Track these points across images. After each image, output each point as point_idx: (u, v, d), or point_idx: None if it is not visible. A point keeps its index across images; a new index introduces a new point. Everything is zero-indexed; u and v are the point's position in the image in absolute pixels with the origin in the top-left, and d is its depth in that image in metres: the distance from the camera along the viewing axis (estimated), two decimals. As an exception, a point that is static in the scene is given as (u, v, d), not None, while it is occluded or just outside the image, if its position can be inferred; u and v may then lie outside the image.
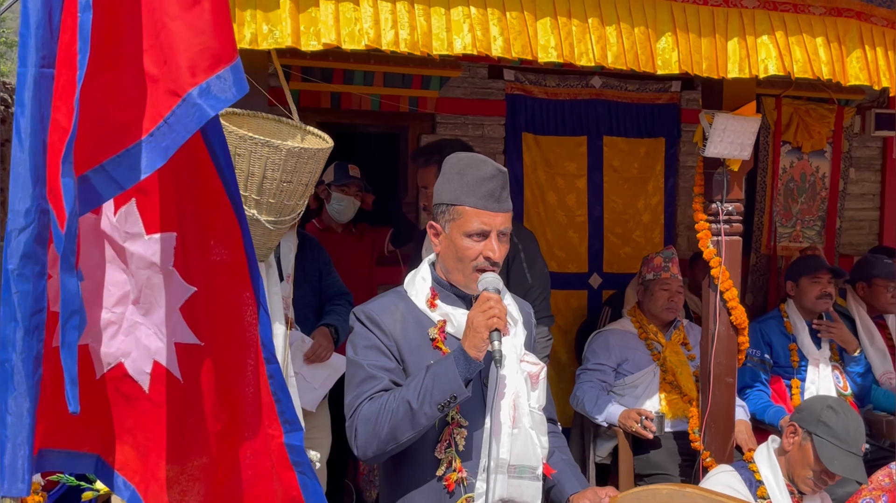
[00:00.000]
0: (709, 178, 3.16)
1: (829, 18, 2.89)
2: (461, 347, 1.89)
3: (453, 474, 1.94)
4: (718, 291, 3.14)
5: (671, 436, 3.70)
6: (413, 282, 2.09)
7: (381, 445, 1.89)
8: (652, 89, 4.93)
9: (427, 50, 2.30)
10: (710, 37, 2.72)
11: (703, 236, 3.16)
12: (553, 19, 2.47)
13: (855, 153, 5.58)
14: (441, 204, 2.02)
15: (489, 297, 1.90)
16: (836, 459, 2.61)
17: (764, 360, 4.05)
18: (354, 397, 1.95)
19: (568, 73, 4.75)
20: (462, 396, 1.87)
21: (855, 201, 5.68)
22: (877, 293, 4.42)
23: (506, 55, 2.41)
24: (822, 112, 5.31)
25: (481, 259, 1.97)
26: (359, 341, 2.00)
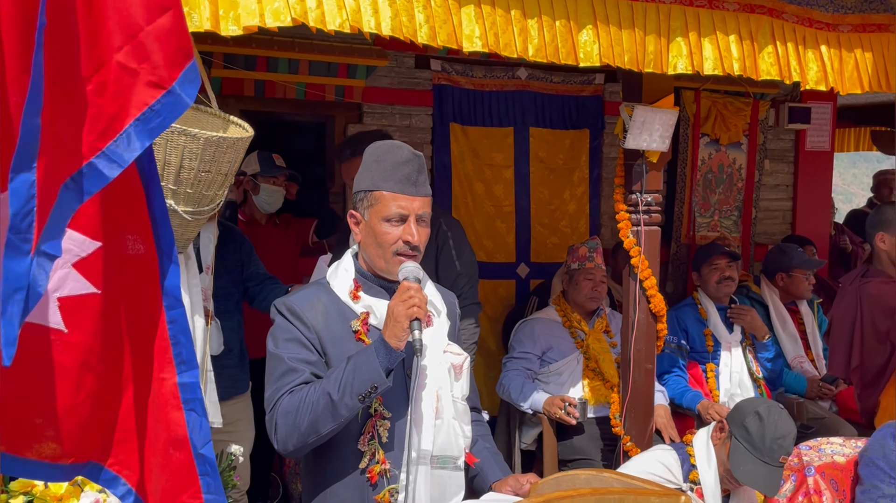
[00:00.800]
0: (629, 170, 3.22)
1: (743, 15, 2.96)
2: (382, 338, 1.88)
3: (376, 466, 1.94)
4: (638, 280, 3.20)
5: (594, 421, 3.77)
6: (336, 274, 2.06)
7: (302, 438, 1.88)
8: (576, 81, 4.99)
9: (357, 26, 2.27)
10: (629, 30, 2.75)
11: (624, 226, 3.21)
12: (477, 8, 2.47)
13: (769, 145, 5.77)
14: (360, 191, 2.02)
15: (409, 287, 1.89)
16: (742, 465, 2.63)
17: (681, 346, 4.16)
18: (274, 390, 1.92)
19: (494, 65, 4.77)
20: (383, 387, 1.86)
21: (769, 192, 5.87)
22: (796, 282, 4.58)
23: (431, 42, 2.40)
24: (738, 105, 5.47)
25: (400, 243, 1.96)
26: (280, 334, 1.97)
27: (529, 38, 2.58)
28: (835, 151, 6.24)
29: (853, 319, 3.31)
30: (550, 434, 3.75)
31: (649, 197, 3.19)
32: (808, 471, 2.92)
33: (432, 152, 4.73)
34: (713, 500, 2.74)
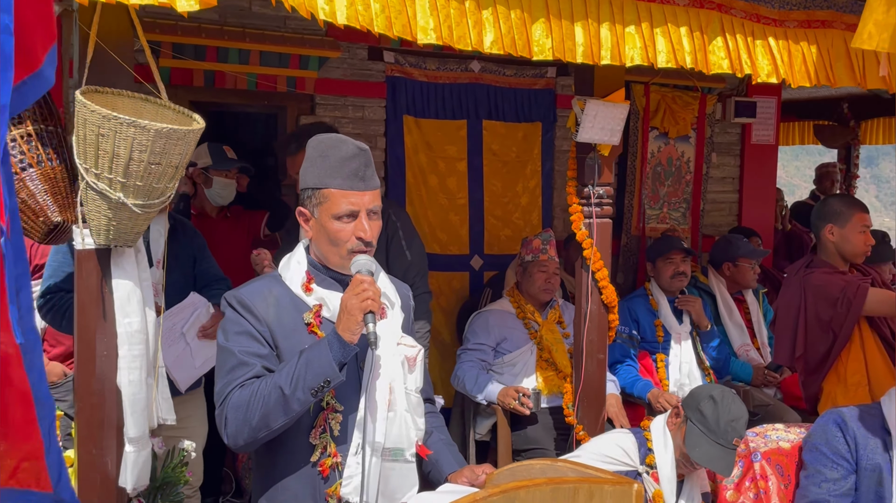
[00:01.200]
0: (581, 163, 3.24)
1: (693, 9, 3.00)
2: (335, 331, 1.86)
3: (328, 459, 1.92)
4: (590, 271, 3.23)
5: (547, 411, 3.81)
6: (288, 266, 2.04)
7: (253, 433, 1.85)
8: (529, 75, 5.02)
9: (312, 11, 2.24)
10: (583, 24, 2.76)
11: (576, 219, 3.23)
12: (431, 0, 2.46)
13: (716, 139, 5.87)
14: (307, 189, 1.98)
15: (362, 280, 1.88)
16: (698, 447, 2.68)
17: (632, 337, 4.22)
18: (225, 384, 1.90)
19: (448, 57, 4.77)
20: (336, 381, 1.85)
21: (716, 184, 5.98)
22: (742, 271, 4.69)
23: (387, 32, 2.38)
24: (686, 99, 5.56)
25: (354, 240, 1.94)
26: (230, 327, 1.94)
27: (484, 31, 2.57)
28: (779, 145, 6.39)
29: (797, 309, 3.38)
30: (504, 424, 3.78)
31: (601, 189, 3.21)
32: (754, 457, 2.99)
33: (386, 144, 4.71)
34: (668, 484, 2.79)
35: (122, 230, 2.23)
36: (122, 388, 2.29)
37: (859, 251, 3.38)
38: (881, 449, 2.76)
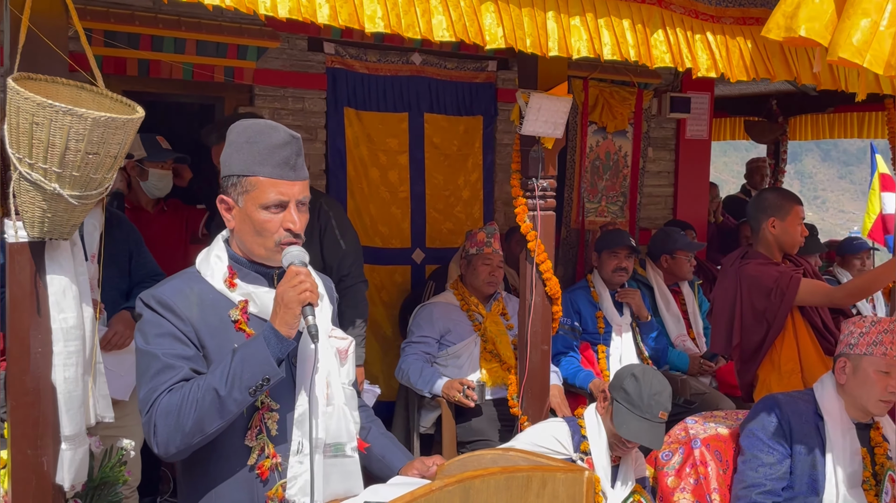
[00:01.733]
0: (525, 156, 3.25)
1: (634, 4, 3.03)
2: (271, 326, 1.78)
3: (266, 461, 1.84)
4: (534, 263, 3.25)
5: (491, 403, 3.84)
6: (207, 262, 1.94)
7: (186, 439, 1.76)
8: (470, 68, 5.03)
9: (253, 7, 2.19)
10: (530, 14, 2.77)
11: (521, 211, 3.25)
12: (378, -16, 2.44)
13: (652, 133, 5.98)
14: (231, 176, 1.88)
15: (298, 271, 1.81)
16: (625, 424, 2.74)
17: (574, 328, 4.28)
18: (150, 391, 1.78)
19: (388, 49, 4.74)
20: (276, 378, 1.78)
21: (652, 178, 6.10)
22: (680, 264, 4.81)
23: (332, 23, 2.34)
24: (624, 95, 5.65)
25: (282, 232, 1.86)
26: (150, 329, 1.83)
27: (433, 19, 2.55)
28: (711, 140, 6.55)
29: (733, 299, 3.47)
30: (449, 417, 3.79)
31: (545, 182, 3.24)
32: (694, 444, 3.06)
33: (326, 137, 4.66)
34: (603, 469, 2.84)
35: (57, 222, 2.15)
36: (57, 386, 2.21)
37: (797, 242, 3.49)
38: (814, 433, 2.86)
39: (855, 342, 2.87)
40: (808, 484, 2.83)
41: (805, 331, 3.43)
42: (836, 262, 5.84)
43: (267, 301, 1.88)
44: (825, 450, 2.83)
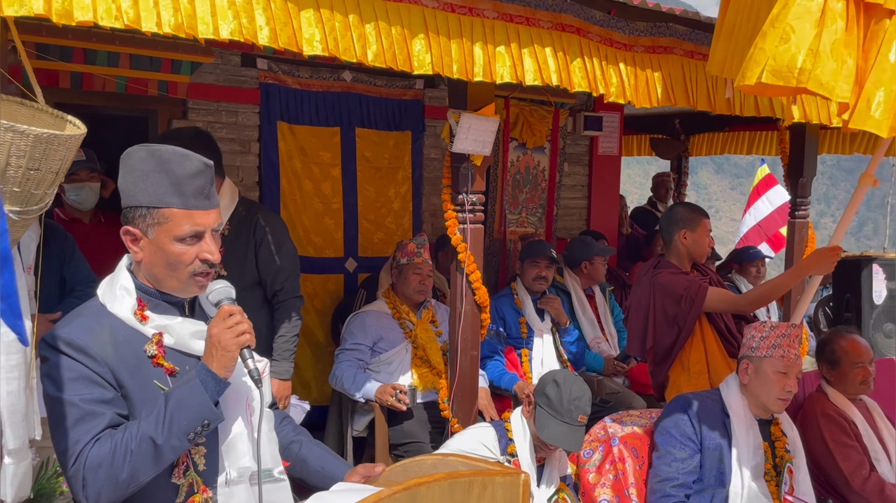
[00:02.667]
0: (455, 172, 3.27)
1: (555, 32, 3.11)
2: (207, 368, 1.66)
3: (196, 496, 1.73)
4: (465, 274, 3.28)
5: (422, 406, 3.83)
6: (112, 293, 1.75)
7: (120, 491, 1.61)
8: (398, 86, 5.04)
9: (193, 33, 2.15)
10: (458, 42, 2.80)
11: (451, 224, 3.27)
12: (316, 12, 2.42)
13: (568, 150, 6.11)
14: (139, 207, 1.71)
15: (232, 311, 1.70)
16: (547, 428, 2.76)
17: (499, 334, 4.32)
18: (73, 442, 1.60)
19: (320, 66, 4.71)
20: (216, 421, 1.68)
21: (568, 191, 6.22)
22: (598, 268, 4.92)
23: (272, 45, 2.32)
24: (542, 113, 5.75)
25: (198, 263, 1.73)
26: (62, 373, 1.63)
27: (368, 44, 2.56)
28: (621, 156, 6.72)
29: (647, 306, 3.57)
30: (382, 421, 3.77)
31: (474, 197, 3.26)
32: (612, 442, 3.13)
33: (260, 150, 4.59)
34: (528, 469, 2.85)
35: (-3, 237, 2.06)
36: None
37: (705, 252, 3.62)
38: (721, 430, 2.96)
39: (756, 345, 2.99)
40: (716, 476, 2.93)
41: (711, 336, 3.55)
42: (734, 270, 6.06)
43: (181, 332, 1.76)
44: (731, 445, 2.93)
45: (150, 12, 2.11)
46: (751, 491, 2.89)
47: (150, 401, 1.69)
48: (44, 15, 1.98)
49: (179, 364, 1.76)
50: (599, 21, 3.27)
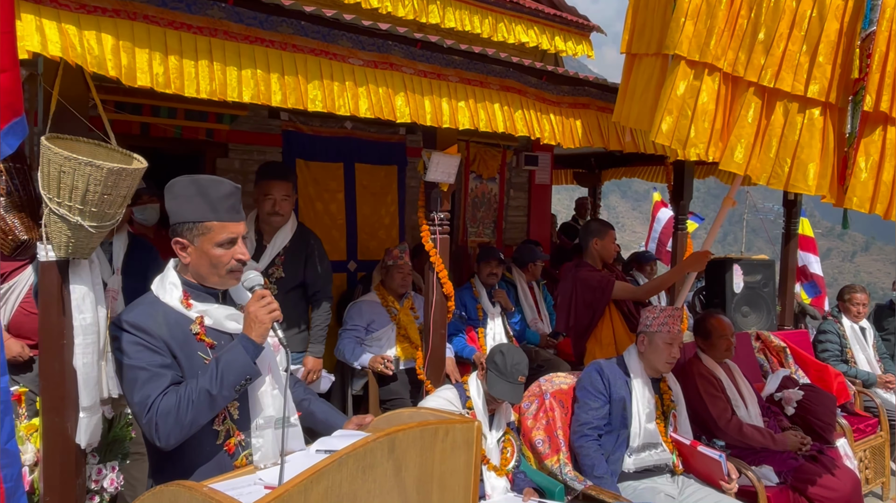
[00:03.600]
0: (428, 196, 3.25)
1: (502, 92, 3.12)
2: (246, 337, 1.67)
3: (232, 439, 1.72)
4: (435, 272, 3.27)
5: (404, 371, 3.81)
6: (163, 287, 1.76)
7: (184, 432, 1.62)
8: (387, 132, 5.01)
9: (223, 97, 2.13)
10: (430, 98, 2.80)
11: (425, 235, 3.25)
12: (319, 81, 2.41)
13: (513, 180, 6.13)
14: (186, 222, 1.73)
15: (264, 294, 1.70)
16: (495, 386, 2.73)
17: (462, 317, 4.30)
18: (144, 396, 1.61)
19: (328, 117, 4.67)
20: (256, 376, 1.68)
21: (513, 211, 6.24)
22: (538, 268, 4.92)
23: (283, 105, 2.30)
24: (493, 153, 5.77)
25: (233, 262, 1.74)
26: (130, 347, 1.64)
27: (360, 101, 2.55)
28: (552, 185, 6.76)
29: (570, 295, 3.59)
30: (374, 382, 3.75)
31: (442, 215, 3.25)
32: (545, 397, 3.14)
33: (283, 180, 4.53)
34: (482, 417, 2.84)
35: (79, 246, 2.01)
36: (77, 369, 2.06)
37: (612, 255, 3.65)
38: (624, 386, 2.99)
39: (650, 323, 3.02)
40: (620, 420, 2.95)
41: (618, 317, 3.59)
42: (633, 268, 6.11)
43: (217, 314, 1.75)
44: (631, 398, 2.96)
45: (191, 81, 2.09)
46: (646, 430, 2.92)
47: (197, 368, 1.68)
48: (115, 76, 1.94)
49: (217, 339, 1.75)
50: (535, 84, 3.29)
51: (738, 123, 2.42)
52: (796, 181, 2.27)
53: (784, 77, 2.38)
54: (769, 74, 2.37)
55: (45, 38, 1.84)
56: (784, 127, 2.35)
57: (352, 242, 4.84)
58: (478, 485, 1.79)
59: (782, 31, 2.36)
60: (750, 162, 2.41)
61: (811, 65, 2.37)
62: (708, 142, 2.43)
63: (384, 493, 1.50)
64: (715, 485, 2.90)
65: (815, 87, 2.38)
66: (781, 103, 2.37)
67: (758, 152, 2.40)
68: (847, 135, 2.44)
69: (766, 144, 2.38)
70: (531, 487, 2.75)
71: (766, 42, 2.38)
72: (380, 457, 1.48)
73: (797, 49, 2.38)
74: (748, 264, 5.23)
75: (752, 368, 4.17)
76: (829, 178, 2.30)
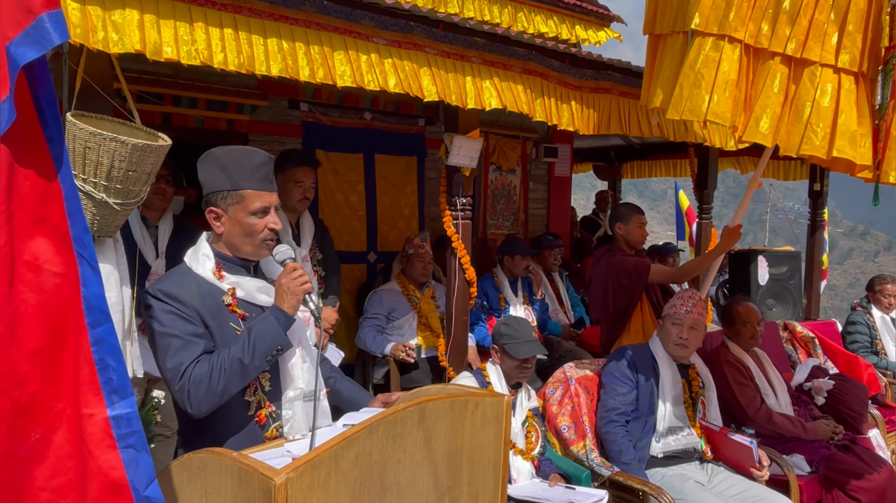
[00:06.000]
0: (450, 181, 3.22)
1: (525, 75, 3.08)
2: (278, 308, 1.66)
3: (262, 410, 1.72)
4: (457, 257, 3.23)
5: (425, 360, 3.78)
6: (196, 259, 1.75)
7: (216, 400, 1.61)
8: (405, 123, 4.98)
9: (251, 70, 2.11)
10: (454, 77, 2.77)
11: (447, 221, 3.22)
12: (345, 55, 2.38)
13: (533, 172, 6.06)
14: (220, 191, 1.72)
15: (296, 267, 1.69)
16: (517, 350, 2.68)
17: (483, 306, 4.27)
18: (178, 363, 1.60)
19: (347, 108, 4.65)
20: (287, 347, 1.68)
21: (533, 203, 6.17)
22: (546, 257, 4.87)
23: (311, 80, 2.28)
24: (513, 144, 5.71)
25: (267, 231, 1.73)
26: (163, 315, 1.64)
27: (388, 77, 2.52)
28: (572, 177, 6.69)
29: (605, 280, 3.50)
30: (395, 371, 3.72)
31: (464, 200, 3.22)
32: (570, 382, 3.09)
33: (303, 171, 4.52)
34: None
35: (104, 223, 2.00)
36: (103, 349, 2.05)
37: (638, 240, 3.57)
38: (651, 371, 2.93)
39: (666, 308, 2.97)
40: (647, 406, 2.89)
41: (647, 305, 3.51)
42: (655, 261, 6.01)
43: (249, 287, 1.74)
44: (659, 382, 2.90)
45: (219, 53, 2.07)
46: (671, 413, 2.86)
47: (228, 338, 1.67)
48: (140, 51, 1.93)
49: (248, 311, 1.74)
50: (557, 68, 3.24)
51: (763, 93, 2.35)
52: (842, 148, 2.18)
53: (812, 47, 2.30)
54: (795, 44, 2.30)
55: (68, 21, 1.84)
56: (815, 93, 2.27)
57: (371, 233, 4.82)
58: (507, 463, 1.75)
59: (808, 1, 2.29)
60: (778, 132, 2.34)
61: (840, 34, 2.30)
62: (730, 113, 2.36)
63: (414, 465, 1.46)
64: (745, 473, 2.82)
65: (846, 57, 2.30)
66: (810, 69, 2.30)
67: (786, 122, 2.32)
68: (877, 106, 2.37)
69: (796, 113, 2.31)
70: (557, 473, 2.70)
71: (791, 12, 2.31)
72: (410, 426, 1.44)
73: (825, 18, 2.31)
74: (773, 256, 5.12)
75: (780, 358, 4.07)
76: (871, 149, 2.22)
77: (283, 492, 1.15)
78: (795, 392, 3.60)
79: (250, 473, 1.20)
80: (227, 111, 4.18)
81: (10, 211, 0.92)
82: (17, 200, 0.92)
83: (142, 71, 3.77)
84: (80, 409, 0.95)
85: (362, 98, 4.64)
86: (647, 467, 2.80)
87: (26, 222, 0.94)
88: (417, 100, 2.63)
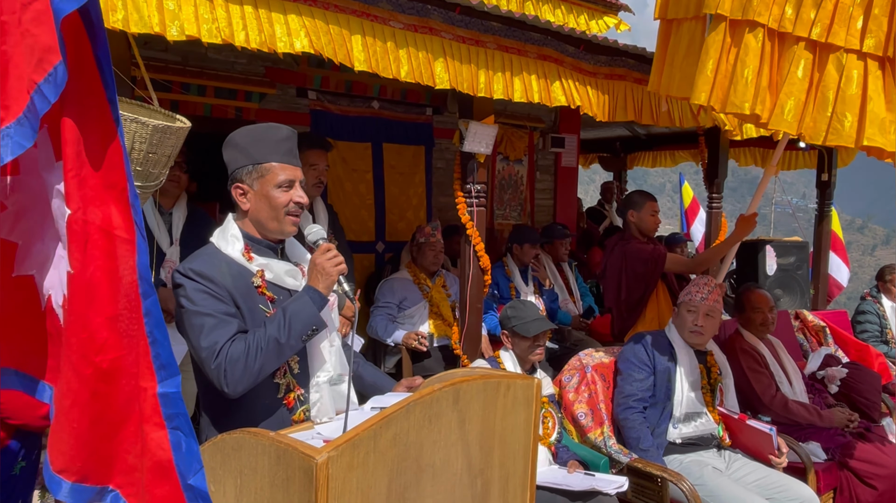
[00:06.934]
0: (464, 167, 3.20)
1: (539, 61, 3.05)
2: (312, 288, 1.64)
3: (291, 394, 1.71)
4: (472, 245, 3.21)
5: (437, 348, 3.76)
6: (224, 239, 1.73)
7: (252, 379, 1.58)
8: (413, 112, 4.95)
9: (273, 48, 2.08)
10: (467, 66, 2.75)
11: (461, 207, 3.20)
12: (363, 38, 2.36)
13: (540, 162, 6.04)
14: (245, 166, 1.70)
15: (330, 248, 1.67)
16: (528, 328, 2.66)
17: (494, 295, 4.25)
18: (213, 342, 1.57)
19: (355, 97, 4.62)
20: (322, 327, 1.66)
21: (540, 194, 6.15)
22: (557, 247, 4.84)
23: (332, 58, 2.25)
24: (520, 134, 5.68)
25: (292, 204, 1.70)
26: (195, 295, 1.60)
27: (401, 65, 2.50)
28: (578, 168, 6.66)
29: (619, 268, 3.48)
30: (407, 359, 3.70)
31: (479, 186, 3.20)
32: (587, 370, 3.07)
33: (311, 160, 4.49)
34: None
35: (123, 206, 1.98)
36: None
37: (651, 228, 3.55)
38: (668, 358, 2.92)
39: (681, 295, 2.95)
40: (665, 392, 2.88)
41: (662, 293, 3.50)
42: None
43: (278, 269, 1.72)
44: (676, 368, 2.88)
45: (240, 32, 2.04)
46: (689, 399, 2.85)
47: (258, 320, 1.65)
48: (160, 32, 1.91)
49: (277, 294, 1.72)
50: (572, 54, 3.21)
51: (788, 80, 2.32)
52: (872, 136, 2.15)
53: (837, 31, 2.27)
54: (820, 28, 2.27)
55: None
56: (841, 80, 2.24)
57: (380, 223, 4.80)
58: (537, 446, 1.73)
59: (834, -17, 2.25)
60: (803, 120, 2.31)
61: (866, 17, 2.26)
62: (753, 100, 2.33)
63: (449, 446, 1.44)
64: (763, 460, 2.81)
65: (871, 42, 2.27)
66: (835, 56, 2.27)
67: (811, 110, 2.29)
68: (905, 92, 2.33)
69: (821, 101, 2.28)
70: (575, 460, 2.68)
71: (815, -6, 2.28)
72: (445, 406, 1.43)
73: (850, 1, 2.28)
74: (781, 246, 5.10)
75: (792, 347, 4.06)
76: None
77: (325, 470, 1.13)
78: (809, 380, 3.60)
79: (290, 453, 1.18)
80: (235, 99, 4.14)
81: (82, 176, 0.91)
82: (88, 165, 0.92)
83: (151, 58, 3.73)
84: (138, 383, 0.94)
85: (370, 87, 4.60)
86: (665, 454, 2.78)
87: (98, 187, 0.93)
88: (425, 89, 2.62)
